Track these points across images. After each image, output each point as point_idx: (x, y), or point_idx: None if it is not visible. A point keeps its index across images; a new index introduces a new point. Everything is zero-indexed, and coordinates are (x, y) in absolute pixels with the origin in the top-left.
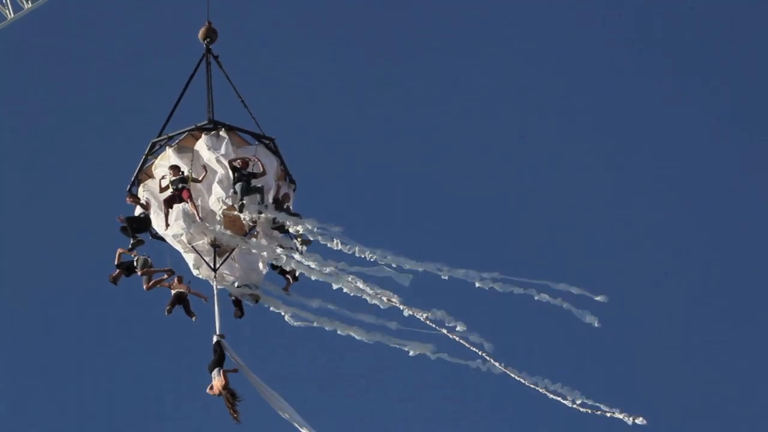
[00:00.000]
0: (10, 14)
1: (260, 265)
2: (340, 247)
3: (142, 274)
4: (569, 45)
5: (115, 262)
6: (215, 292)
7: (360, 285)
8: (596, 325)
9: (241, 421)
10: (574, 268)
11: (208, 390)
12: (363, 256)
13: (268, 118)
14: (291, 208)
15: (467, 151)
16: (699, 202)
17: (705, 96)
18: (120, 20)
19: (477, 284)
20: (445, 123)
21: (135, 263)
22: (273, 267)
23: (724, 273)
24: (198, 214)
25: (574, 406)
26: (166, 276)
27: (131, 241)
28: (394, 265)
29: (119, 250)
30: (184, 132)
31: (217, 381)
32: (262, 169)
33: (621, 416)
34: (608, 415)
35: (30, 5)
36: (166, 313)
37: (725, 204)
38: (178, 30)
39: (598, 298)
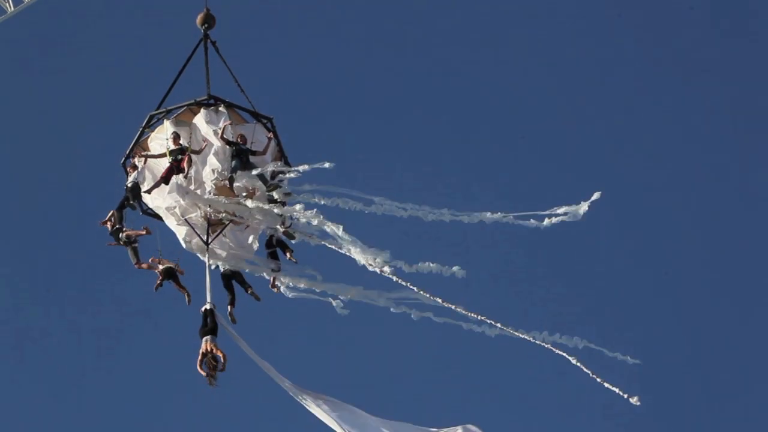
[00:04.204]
0: (10, 8)
1: (251, 242)
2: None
3: (125, 235)
4: (568, 45)
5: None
6: (207, 265)
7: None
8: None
9: (216, 386)
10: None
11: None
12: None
13: (264, 103)
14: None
15: (466, 142)
16: (699, 202)
17: (705, 95)
18: (120, 7)
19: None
20: (443, 104)
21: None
22: (267, 245)
23: (723, 273)
24: (188, 174)
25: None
26: (144, 233)
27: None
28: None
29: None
30: (183, 106)
31: (207, 344)
32: (265, 145)
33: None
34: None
35: None
36: (155, 289)
37: (725, 204)
38: (179, 16)
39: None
